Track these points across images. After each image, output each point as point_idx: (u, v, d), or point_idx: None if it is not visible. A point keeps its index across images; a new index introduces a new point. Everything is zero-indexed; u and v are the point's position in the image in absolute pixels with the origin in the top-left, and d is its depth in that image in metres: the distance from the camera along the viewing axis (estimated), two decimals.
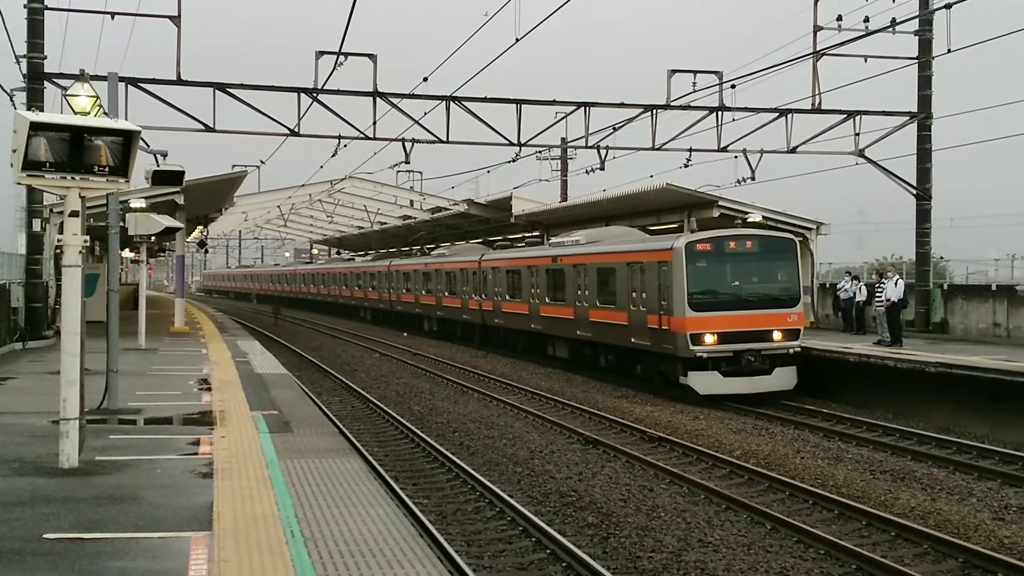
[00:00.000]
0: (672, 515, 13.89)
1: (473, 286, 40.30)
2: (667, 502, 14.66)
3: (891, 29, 25.59)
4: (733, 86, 26.83)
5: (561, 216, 43.88)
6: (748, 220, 29.96)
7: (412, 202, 55.62)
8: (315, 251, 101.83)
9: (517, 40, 20.11)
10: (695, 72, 27.55)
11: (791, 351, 24.06)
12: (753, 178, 29.18)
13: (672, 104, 27.28)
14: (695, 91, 27.50)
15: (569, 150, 47.25)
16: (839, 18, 26.00)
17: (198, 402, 17.12)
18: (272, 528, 9.02)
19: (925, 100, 27.13)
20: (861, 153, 28.04)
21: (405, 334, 49.99)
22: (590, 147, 29.59)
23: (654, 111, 27.60)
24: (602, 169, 30.18)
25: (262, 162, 40.86)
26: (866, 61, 26.44)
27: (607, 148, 29.61)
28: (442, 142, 27.28)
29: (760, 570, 11.44)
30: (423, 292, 47.75)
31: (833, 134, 28.15)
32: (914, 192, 27.26)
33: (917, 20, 25.86)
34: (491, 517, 13.99)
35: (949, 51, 22.91)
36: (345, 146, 29.76)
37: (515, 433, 20.60)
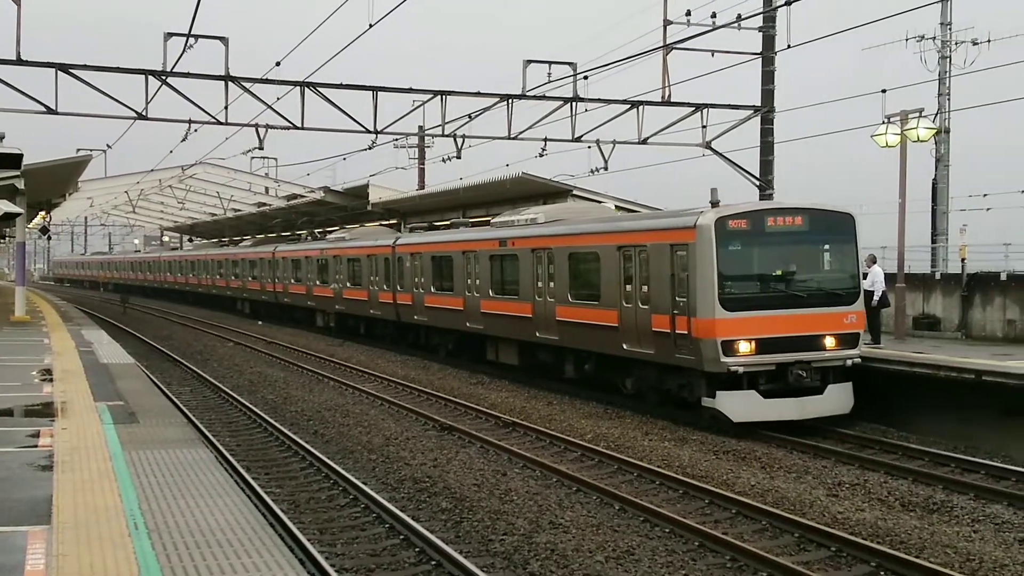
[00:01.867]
0: (524, 498, 14.13)
1: (385, 275, 34.34)
2: (520, 486, 14.90)
3: (737, 25, 26.44)
4: (586, 77, 27.30)
5: (418, 204, 43.86)
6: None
7: (267, 189, 54.69)
8: (166, 238, 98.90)
9: (371, 26, 20.01)
10: (550, 63, 27.86)
11: (848, 362, 18.83)
12: (606, 168, 29.71)
13: (527, 94, 27.55)
14: (550, 82, 27.83)
15: (426, 138, 47.25)
16: (688, 13, 26.71)
17: (39, 393, 16.54)
18: (115, 521, 8.82)
19: (768, 94, 28.14)
20: (708, 145, 28.88)
21: (260, 323, 49.14)
22: (447, 135, 29.64)
23: (510, 101, 27.82)
24: (459, 157, 30.27)
25: (109, 146, 39.42)
26: (713, 55, 27.20)
27: (464, 137, 29.69)
28: (296, 128, 26.87)
29: (608, 549, 11.76)
30: (317, 282, 41.79)
31: (682, 126, 28.91)
32: (757, 183, 28.26)
33: (761, 17, 26.80)
34: (345, 505, 13.97)
35: (789, 46, 23.89)
36: (196, 131, 29.07)
37: (370, 420, 20.57)
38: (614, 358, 21.35)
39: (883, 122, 23.32)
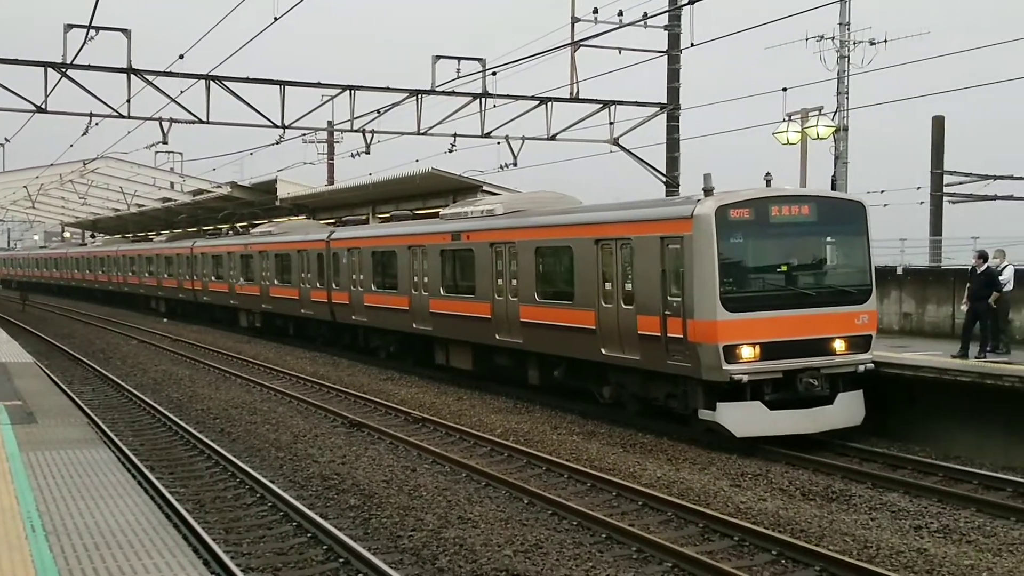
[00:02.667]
0: (434, 494, 14.14)
1: (319, 272, 31.85)
2: (429, 481, 14.90)
3: (643, 23, 26.75)
4: (494, 73, 27.32)
5: (327, 200, 43.53)
6: None
7: (172, 184, 53.64)
8: (67, 234, 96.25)
9: (276, 19, 19.75)
10: (459, 59, 27.84)
11: (861, 368, 17.02)
12: (515, 164, 29.81)
13: (437, 90, 27.48)
14: (459, 77, 27.81)
15: (335, 133, 46.84)
16: (595, 11, 26.94)
17: None
18: (11, 523, 8.60)
19: (674, 92, 28.54)
20: (616, 141, 29.16)
21: (165, 320, 48.20)
22: (356, 131, 29.36)
23: (419, 96, 27.71)
24: (368, 153, 30.02)
25: (6, 140, 38.23)
26: (620, 53, 27.48)
27: (373, 132, 29.46)
28: (201, 122, 26.37)
29: (516, 543, 11.83)
30: (241, 280, 38.99)
31: (590, 122, 29.15)
32: (663, 179, 28.64)
33: (667, 15, 27.17)
34: (251, 503, 13.81)
35: (692, 45, 24.27)
36: (97, 124, 28.32)
37: (278, 418, 20.35)
38: (590, 364, 19.34)
39: (784, 120, 23.86)
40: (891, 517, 12.81)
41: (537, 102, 28.33)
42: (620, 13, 26.25)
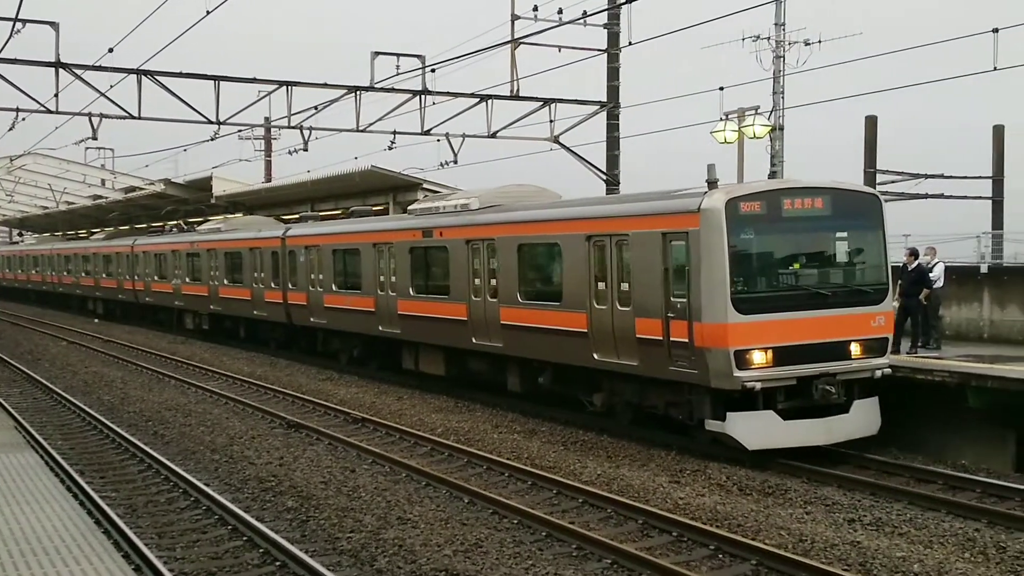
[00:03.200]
0: (373, 495, 14.00)
1: (273, 271, 29.99)
2: (368, 482, 14.76)
3: (582, 21, 26.79)
4: (433, 70, 27.20)
5: (265, 197, 43.01)
6: None
7: (103, 181, 52.60)
8: None
9: (208, 12, 19.45)
10: (399, 55, 27.66)
11: (878, 374, 15.93)
12: (456, 161, 29.72)
13: (376, 86, 27.27)
14: (399, 74, 27.64)
15: (272, 130, 46.34)
16: (535, 8, 26.93)
17: None
18: None
19: (613, 90, 28.64)
20: (556, 139, 29.19)
21: (97, 320, 47.30)
22: (293, 127, 29.04)
23: (358, 93, 27.48)
24: (306, 150, 29.68)
25: None
26: (560, 51, 27.54)
27: (311, 129, 29.17)
28: (133, 118, 25.89)
29: (456, 543, 11.75)
30: (187, 279, 36.74)
31: (531, 120, 29.16)
32: (603, 177, 28.73)
33: (606, 14, 27.25)
34: (185, 507, 13.57)
35: (630, 43, 24.40)
36: (23, 119, 27.75)
37: (214, 420, 20.04)
38: (579, 370, 18.07)
39: (722, 119, 24.06)
40: (825, 511, 12.95)
41: (477, 99, 28.25)
42: (560, 11, 26.31)
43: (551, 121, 29.00)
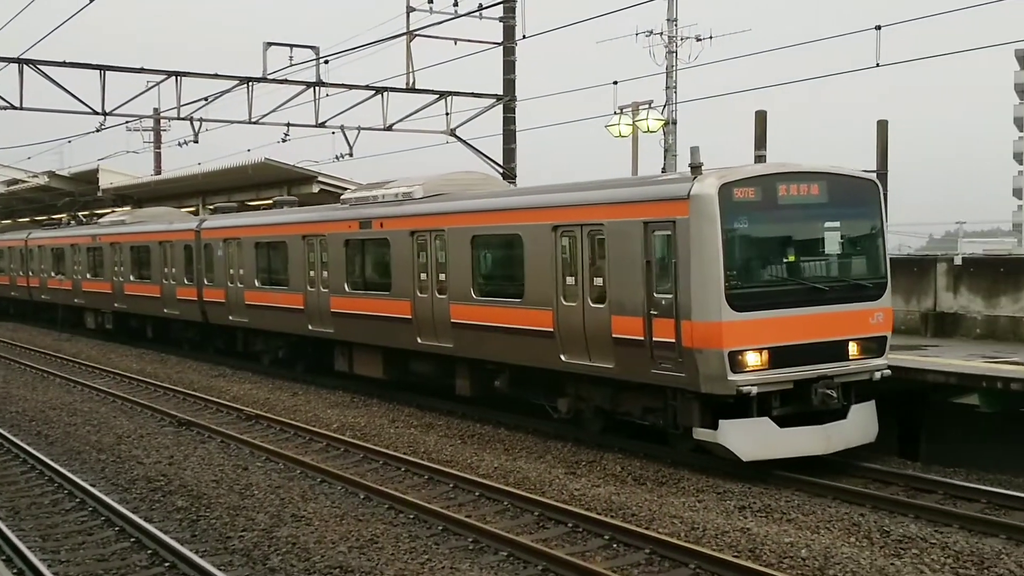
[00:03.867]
0: (266, 492, 13.79)
1: (186, 267, 28.10)
2: (261, 480, 14.53)
3: (478, 14, 26.79)
4: (327, 61, 26.91)
5: (154, 190, 41.99)
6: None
7: None
8: None
9: (90, 0, 18.87)
10: (292, 46, 27.27)
11: (877, 375, 14.72)
12: (351, 154, 29.45)
13: (268, 77, 26.84)
14: (292, 65, 27.24)
15: (162, 121, 45.25)
16: (431, 0, 26.83)
17: None
18: None
19: (510, 84, 28.70)
20: (453, 132, 29.14)
21: None
22: (183, 119, 28.42)
23: (250, 84, 27.00)
24: (196, 142, 29.09)
25: None
26: (456, 44, 27.48)
27: (201, 120, 28.58)
28: (14, 108, 25.01)
29: (351, 539, 11.65)
30: (88, 275, 34.55)
31: (427, 113, 29.05)
32: (500, 170, 28.79)
33: (501, 7, 27.28)
34: (70, 509, 13.19)
35: (524, 37, 24.50)
36: None
37: (101, 419, 19.50)
38: (542, 372, 16.60)
39: (616, 113, 24.32)
40: (717, 498, 13.20)
41: (373, 92, 28.03)
42: (456, 4, 26.21)
43: (447, 114, 28.93)
